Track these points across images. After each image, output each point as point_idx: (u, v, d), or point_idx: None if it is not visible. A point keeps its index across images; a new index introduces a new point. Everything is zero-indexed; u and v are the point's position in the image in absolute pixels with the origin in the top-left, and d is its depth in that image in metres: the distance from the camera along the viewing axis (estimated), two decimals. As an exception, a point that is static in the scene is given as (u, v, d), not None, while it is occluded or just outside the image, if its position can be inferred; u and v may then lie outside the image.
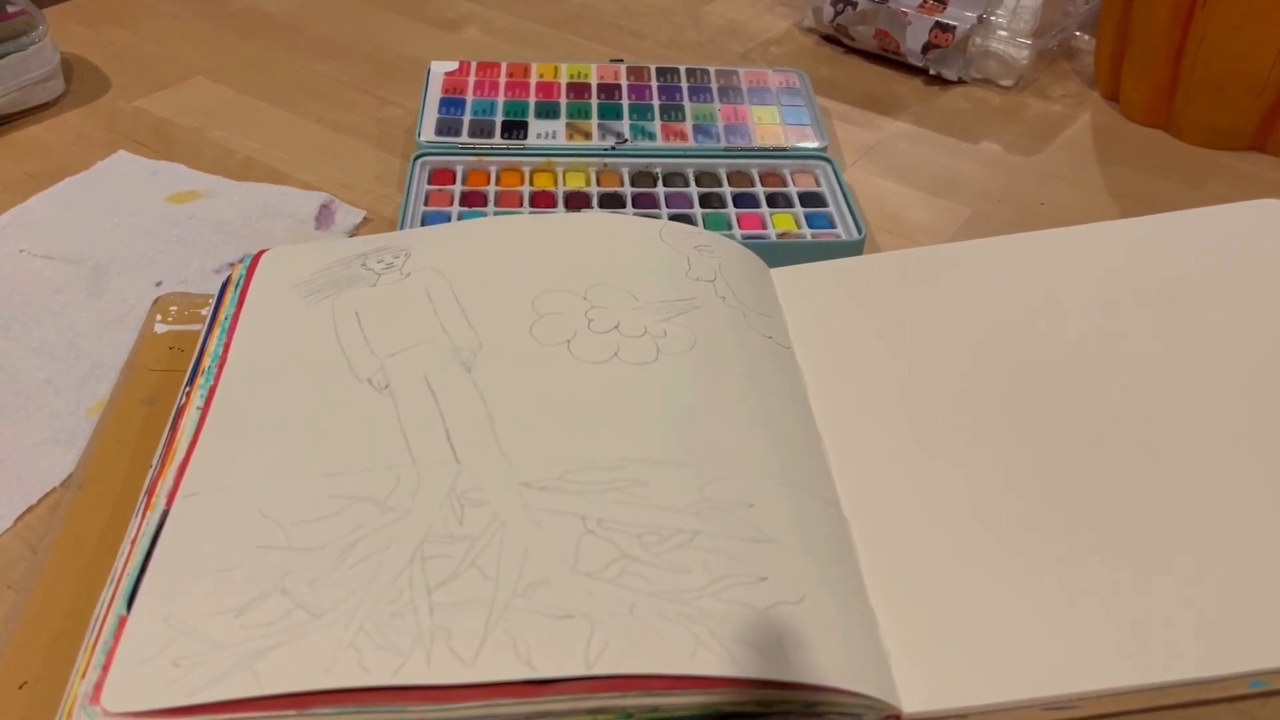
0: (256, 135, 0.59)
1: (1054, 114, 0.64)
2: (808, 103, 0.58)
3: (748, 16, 0.75)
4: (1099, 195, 0.56)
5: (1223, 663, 0.29)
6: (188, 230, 0.50)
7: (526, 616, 0.26)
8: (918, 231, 0.53)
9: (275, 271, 0.40)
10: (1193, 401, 0.35)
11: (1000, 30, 0.64)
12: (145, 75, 0.64)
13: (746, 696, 0.25)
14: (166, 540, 0.29)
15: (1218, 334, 0.37)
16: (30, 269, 0.47)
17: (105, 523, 0.34)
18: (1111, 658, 0.29)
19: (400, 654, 0.25)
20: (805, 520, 0.31)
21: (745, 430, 0.33)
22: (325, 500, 0.29)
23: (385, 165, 0.56)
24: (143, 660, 0.25)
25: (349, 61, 0.67)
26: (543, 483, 0.30)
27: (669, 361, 0.34)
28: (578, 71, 0.60)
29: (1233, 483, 0.33)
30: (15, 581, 0.34)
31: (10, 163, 0.55)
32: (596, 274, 0.38)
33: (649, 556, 0.28)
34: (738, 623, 0.26)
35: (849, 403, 0.36)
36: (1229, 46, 0.55)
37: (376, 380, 0.34)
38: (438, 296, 0.37)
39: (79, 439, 0.39)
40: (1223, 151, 0.60)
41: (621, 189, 0.52)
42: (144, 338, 0.41)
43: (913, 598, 0.30)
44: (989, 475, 0.34)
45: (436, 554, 0.28)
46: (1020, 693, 0.28)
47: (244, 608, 0.26)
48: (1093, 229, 0.43)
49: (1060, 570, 0.31)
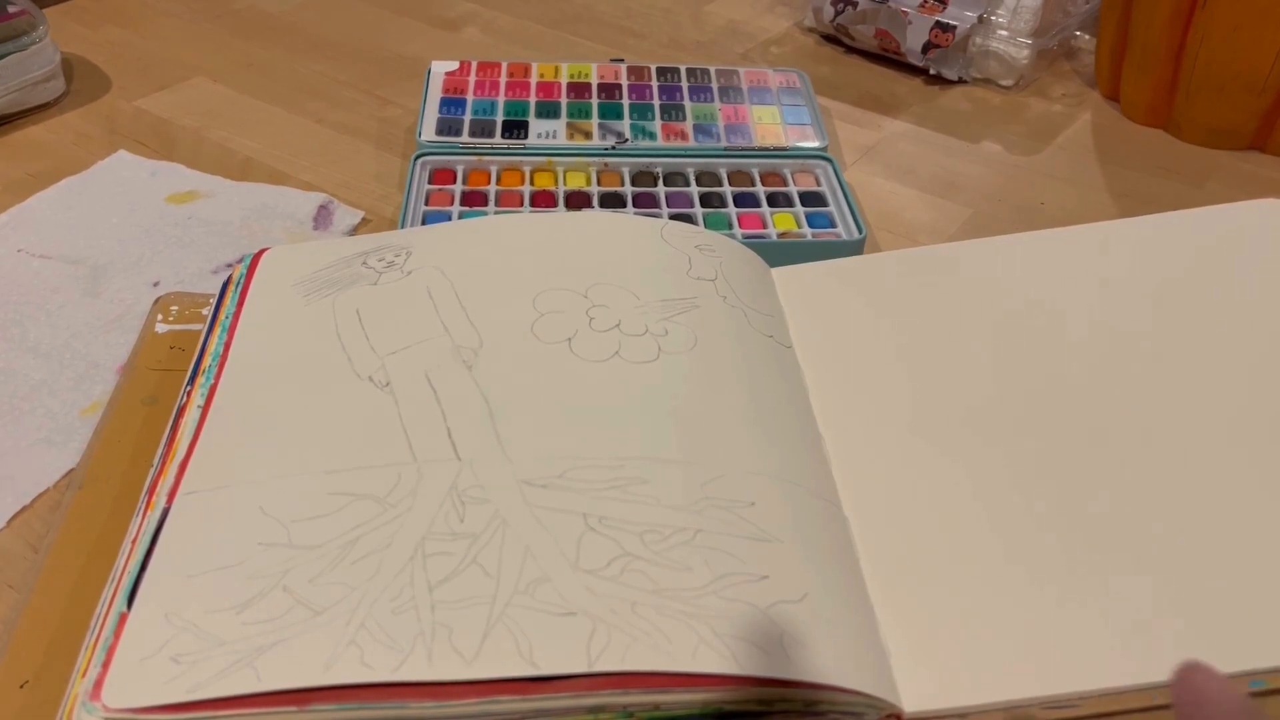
0: (256, 135, 0.59)
1: (1054, 114, 0.64)
2: (808, 102, 0.58)
3: (748, 16, 0.75)
4: (1099, 195, 0.56)
5: (1223, 663, 0.29)
6: (186, 231, 0.50)
7: (528, 614, 0.26)
8: (918, 231, 0.53)
9: (276, 270, 0.40)
10: (1193, 401, 0.35)
11: (1000, 30, 0.64)
12: (145, 75, 0.64)
13: (747, 695, 0.25)
14: (167, 538, 0.29)
15: (1218, 334, 0.37)
16: (28, 269, 0.47)
17: (106, 522, 0.34)
18: (1111, 657, 0.29)
19: (401, 651, 0.25)
20: (806, 519, 0.31)
21: (746, 429, 0.33)
22: (326, 498, 0.29)
23: (385, 165, 0.56)
24: (143, 657, 0.25)
25: (349, 61, 0.67)
26: (544, 480, 0.30)
27: (670, 360, 0.34)
28: (578, 71, 0.60)
29: (1233, 482, 0.33)
30: (16, 581, 0.34)
31: (10, 163, 0.55)
32: (598, 273, 0.38)
33: (650, 554, 0.28)
34: (739, 621, 0.26)
35: (849, 402, 0.36)
36: (1229, 46, 0.55)
37: (378, 378, 0.34)
38: (439, 295, 0.37)
39: (73, 440, 0.39)
40: (1223, 151, 0.60)
41: (622, 189, 0.52)
42: (145, 337, 0.41)
43: (913, 597, 0.30)
44: (989, 474, 0.33)
45: (437, 551, 0.28)
46: (1020, 692, 0.28)
47: (245, 605, 0.26)
48: (1093, 229, 0.43)
49: (1060, 570, 0.31)
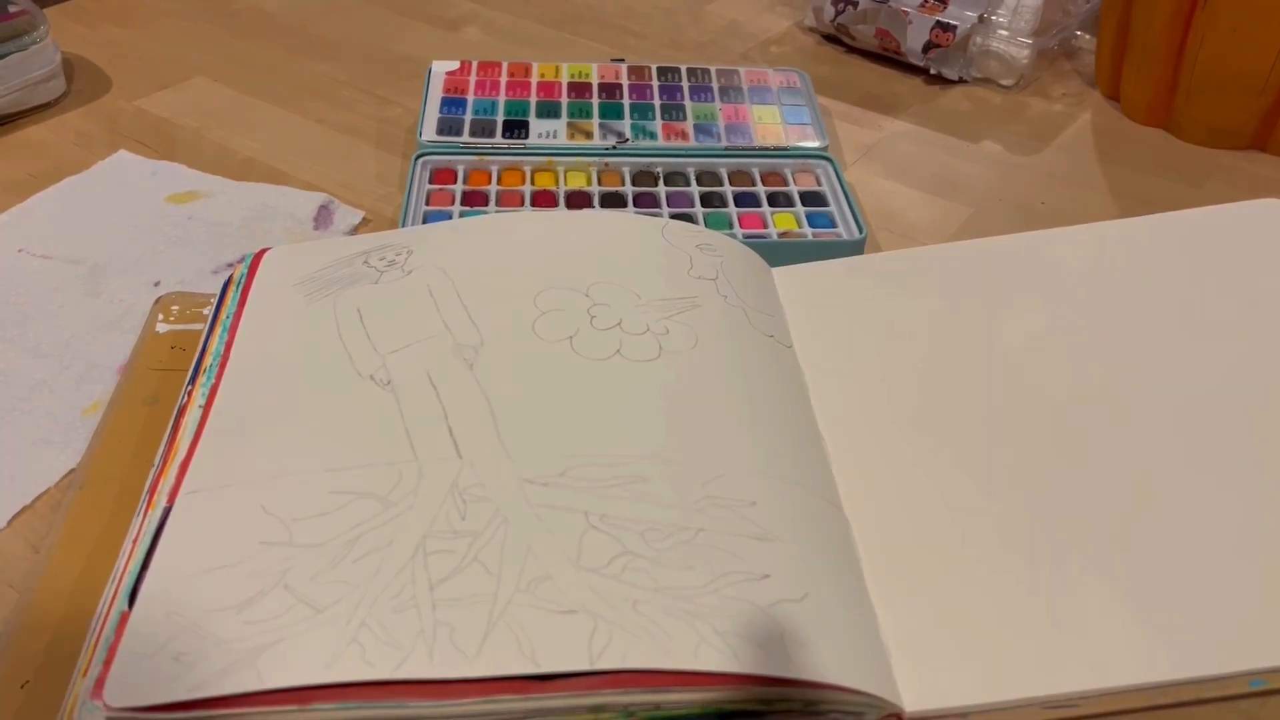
0: (256, 135, 0.59)
1: (1054, 113, 0.64)
2: (808, 102, 0.58)
3: (748, 16, 0.75)
4: (1099, 195, 0.56)
5: (1223, 662, 0.29)
6: (186, 231, 0.50)
7: (529, 612, 0.26)
8: (918, 231, 0.53)
9: (277, 270, 0.40)
10: (1193, 401, 0.35)
11: (1001, 30, 0.64)
12: (145, 75, 0.64)
13: (748, 694, 0.25)
14: (169, 537, 0.29)
15: (1218, 334, 0.37)
16: (29, 269, 0.47)
17: (107, 522, 0.34)
18: (1111, 657, 0.29)
19: (402, 649, 0.25)
20: (807, 518, 0.31)
21: (747, 428, 0.33)
22: (328, 496, 0.29)
23: (386, 165, 0.56)
24: (145, 656, 0.25)
25: (349, 61, 0.67)
26: (545, 479, 0.30)
27: (671, 359, 0.34)
28: (579, 71, 0.60)
29: (1234, 482, 0.33)
30: (16, 581, 0.34)
31: (10, 163, 0.55)
32: (599, 271, 0.38)
33: (652, 553, 0.28)
34: (740, 619, 0.26)
35: (850, 402, 0.36)
36: (1229, 46, 0.55)
37: (379, 377, 0.34)
38: (440, 293, 0.37)
39: (73, 440, 0.39)
40: (1223, 151, 0.60)
41: (623, 188, 0.52)
42: (146, 337, 0.41)
43: (913, 597, 0.30)
44: (990, 474, 0.34)
45: (439, 549, 0.28)
46: (1020, 692, 0.28)
47: (246, 603, 0.26)
48: (1093, 229, 0.43)
49: (1061, 570, 0.31)
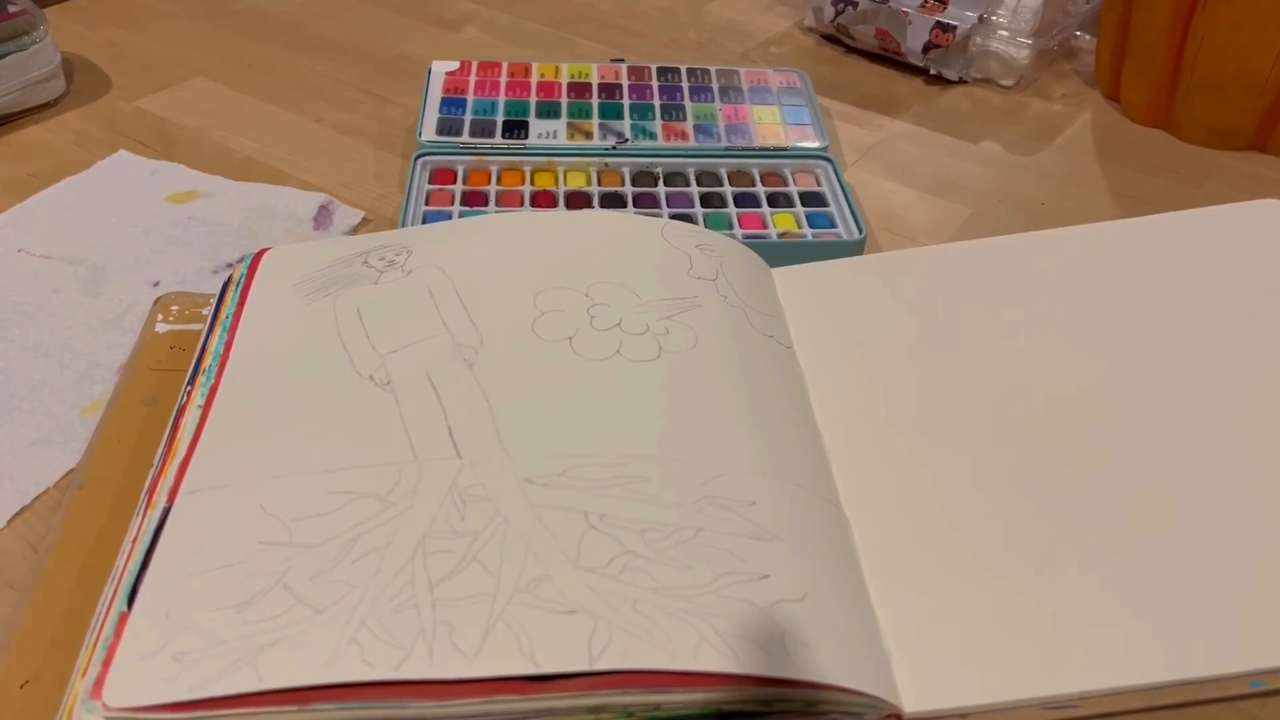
0: (256, 135, 0.59)
1: (1054, 114, 0.64)
2: (808, 102, 0.58)
3: (748, 16, 0.75)
4: (1099, 195, 0.56)
5: (1223, 662, 0.29)
6: (186, 231, 0.50)
7: (529, 612, 0.26)
8: (918, 231, 0.53)
9: (277, 270, 0.40)
10: (1193, 401, 0.35)
11: (1001, 30, 0.64)
12: (145, 75, 0.64)
13: (748, 694, 0.25)
14: (168, 537, 0.29)
15: (1217, 335, 0.37)
16: (28, 269, 0.47)
17: (106, 522, 0.34)
18: (1111, 657, 0.29)
19: (402, 649, 0.25)
20: (807, 519, 0.31)
21: (746, 428, 0.33)
22: (327, 496, 0.29)
23: (385, 165, 0.56)
24: (144, 656, 0.25)
25: (349, 61, 0.67)
26: (545, 479, 0.30)
27: (671, 359, 0.34)
28: (579, 71, 0.60)
29: (1233, 482, 0.33)
30: (16, 581, 0.34)
31: (10, 163, 0.55)
32: (598, 271, 0.38)
33: (651, 553, 0.28)
34: (740, 620, 0.26)
35: (850, 402, 0.36)
36: (1229, 47, 0.55)
37: (378, 377, 0.34)
38: (439, 293, 0.37)
39: (73, 440, 0.39)
40: (1223, 151, 0.60)
41: (622, 189, 0.52)
42: (145, 337, 0.41)
43: (913, 597, 0.30)
44: (989, 474, 0.34)
45: (438, 549, 0.28)
46: (1020, 693, 0.28)
47: (246, 603, 0.26)
48: (1093, 229, 0.43)
49: (1061, 570, 0.31)
